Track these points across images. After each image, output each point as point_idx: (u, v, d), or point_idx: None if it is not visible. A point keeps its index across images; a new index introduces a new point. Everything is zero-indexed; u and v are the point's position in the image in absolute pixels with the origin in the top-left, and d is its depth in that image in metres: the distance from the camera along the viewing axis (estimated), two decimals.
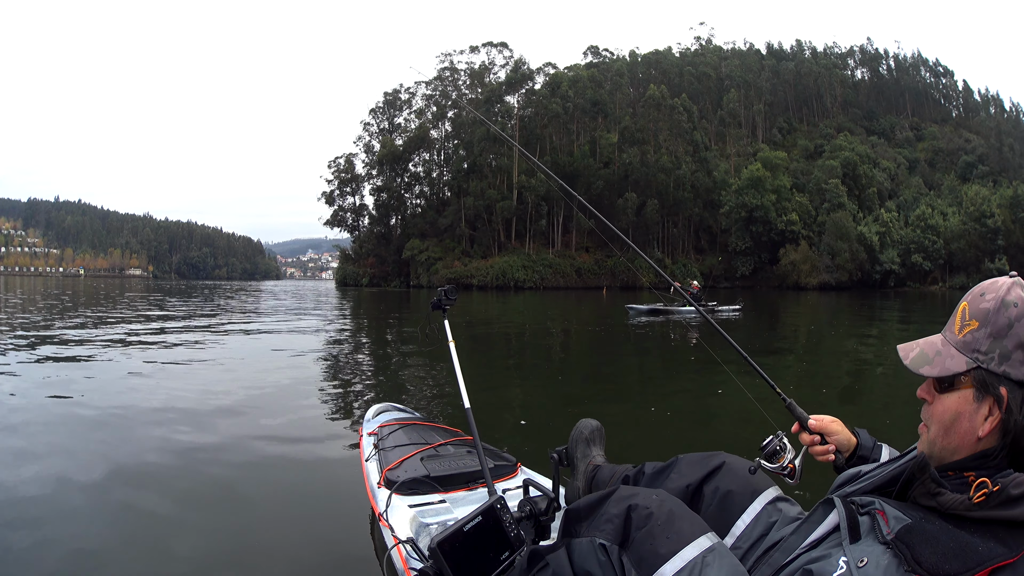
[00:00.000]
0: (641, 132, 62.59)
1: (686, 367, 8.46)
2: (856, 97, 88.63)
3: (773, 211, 59.04)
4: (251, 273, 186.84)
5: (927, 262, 57.41)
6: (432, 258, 59.75)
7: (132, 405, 4.96)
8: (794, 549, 0.98)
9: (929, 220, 58.68)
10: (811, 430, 1.33)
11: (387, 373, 7.18)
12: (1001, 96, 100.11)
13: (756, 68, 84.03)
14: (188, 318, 14.82)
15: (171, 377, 6.39)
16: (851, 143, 68.57)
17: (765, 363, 7.72)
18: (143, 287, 49.34)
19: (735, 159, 69.59)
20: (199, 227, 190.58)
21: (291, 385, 6.30)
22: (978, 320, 0.89)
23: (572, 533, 1.26)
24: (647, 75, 77.77)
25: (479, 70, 67.56)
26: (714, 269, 63.17)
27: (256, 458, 3.70)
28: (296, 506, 2.98)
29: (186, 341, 9.76)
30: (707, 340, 10.00)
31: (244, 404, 5.18)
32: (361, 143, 69.39)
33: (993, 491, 0.79)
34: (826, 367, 8.32)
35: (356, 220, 67.96)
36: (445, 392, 5.68)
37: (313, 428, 4.51)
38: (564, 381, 6.96)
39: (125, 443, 3.91)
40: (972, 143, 76.48)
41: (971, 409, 0.88)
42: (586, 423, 1.89)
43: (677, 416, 5.05)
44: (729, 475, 1.39)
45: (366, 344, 10.95)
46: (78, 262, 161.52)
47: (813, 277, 56.12)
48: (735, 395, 6.22)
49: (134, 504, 2.92)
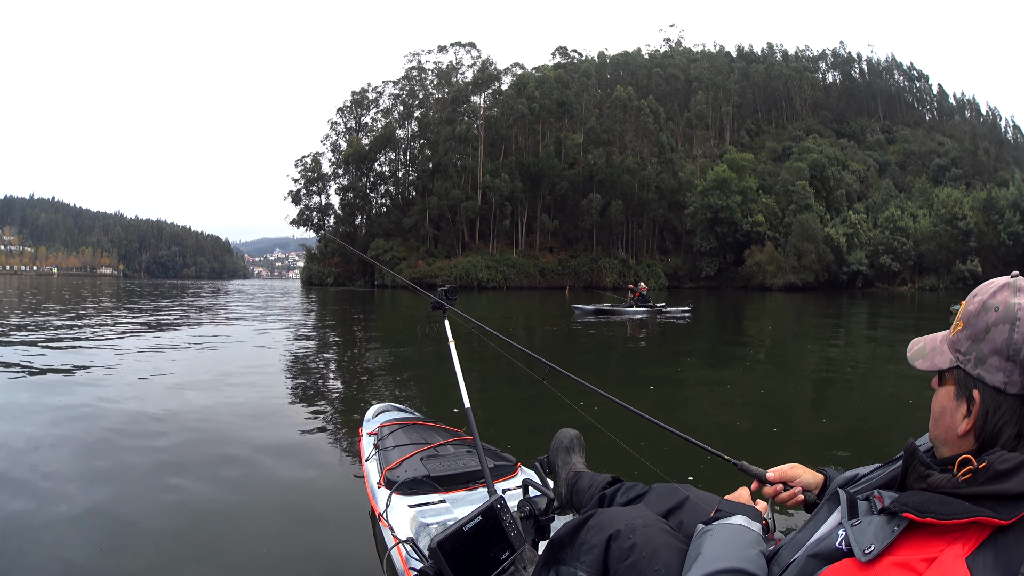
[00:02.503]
0: (607, 133, 62.40)
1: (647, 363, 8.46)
2: (827, 100, 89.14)
3: (739, 212, 59.04)
4: (219, 272, 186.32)
5: (896, 263, 57.51)
6: (396, 258, 59.29)
7: (131, 406, 4.93)
8: (801, 545, 0.98)
9: (898, 222, 58.75)
10: (771, 482, 1.31)
11: (387, 373, 7.17)
12: (977, 100, 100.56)
13: (725, 70, 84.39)
14: (174, 321, 14.52)
15: (166, 380, 6.28)
16: (820, 145, 68.87)
17: (715, 377, 7.36)
18: (114, 287, 48.65)
19: (701, 161, 69.66)
20: (168, 225, 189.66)
21: (290, 385, 6.34)
22: (963, 321, 0.91)
23: (557, 560, 1.28)
24: (615, 76, 78.05)
25: (447, 70, 67.29)
26: (679, 270, 63.16)
27: (256, 458, 3.70)
28: (296, 506, 2.98)
29: (177, 343, 9.69)
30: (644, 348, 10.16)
31: (243, 405, 5.23)
32: (328, 142, 69.00)
33: (979, 468, 0.80)
34: (783, 373, 8.06)
35: (322, 219, 67.47)
36: (445, 392, 5.62)
37: (313, 428, 4.50)
38: (514, 378, 6.74)
39: (124, 443, 3.90)
40: (945, 146, 76.93)
41: (952, 406, 0.89)
42: (565, 433, 1.92)
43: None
44: (692, 510, 1.38)
45: (365, 344, 10.86)
46: (51, 260, 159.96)
47: (779, 278, 55.98)
48: (700, 391, 6.38)
49: (134, 504, 2.92)
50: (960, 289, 46.30)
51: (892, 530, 0.81)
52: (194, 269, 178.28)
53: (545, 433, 4.08)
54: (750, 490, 1.30)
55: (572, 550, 1.24)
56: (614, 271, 58.62)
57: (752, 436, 4.48)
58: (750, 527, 1.08)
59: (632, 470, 2.72)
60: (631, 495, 1.52)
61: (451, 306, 2.54)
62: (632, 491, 1.53)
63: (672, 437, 1.72)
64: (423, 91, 67.80)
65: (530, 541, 1.73)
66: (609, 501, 1.54)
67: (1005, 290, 0.87)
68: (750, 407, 5.57)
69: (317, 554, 2.44)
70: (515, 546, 1.55)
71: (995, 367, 0.84)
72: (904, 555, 0.78)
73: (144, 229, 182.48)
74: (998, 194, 58.29)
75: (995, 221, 56.56)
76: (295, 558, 2.41)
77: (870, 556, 0.80)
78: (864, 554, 0.80)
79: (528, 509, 1.79)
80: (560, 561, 1.26)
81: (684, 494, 1.43)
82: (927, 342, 0.98)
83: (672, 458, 3.27)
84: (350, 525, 2.77)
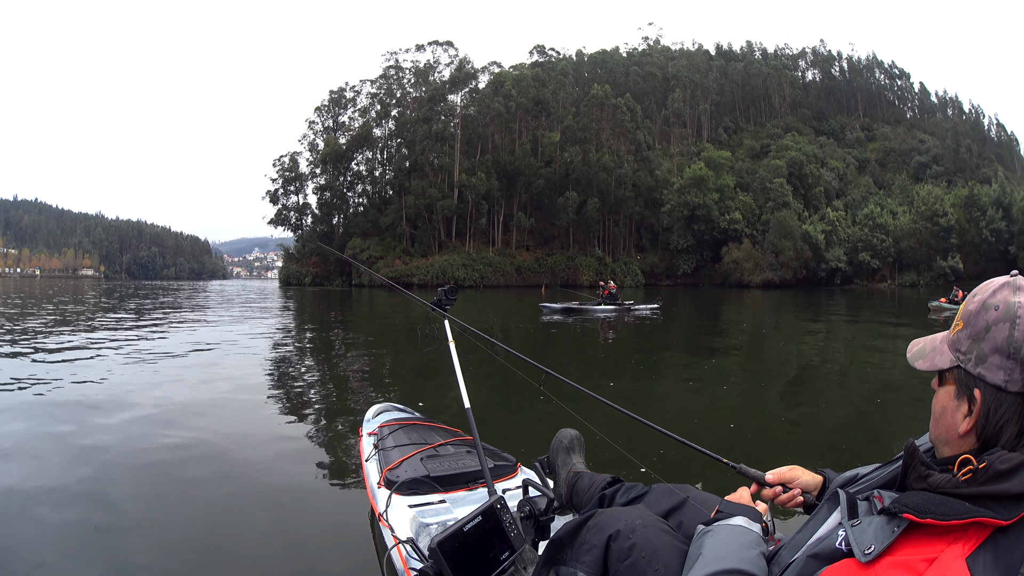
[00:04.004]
0: (584, 131, 62.48)
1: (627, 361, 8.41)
2: (806, 98, 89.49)
3: (716, 210, 59.15)
4: (198, 273, 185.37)
5: (875, 260, 57.65)
6: (373, 257, 59.05)
7: (130, 407, 4.93)
8: (801, 545, 0.98)
9: (878, 219, 58.92)
10: (770, 484, 1.30)
11: (386, 373, 7.16)
12: (960, 98, 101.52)
13: (704, 68, 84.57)
14: (164, 324, 14.36)
15: (163, 382, 6.24)
16: (798, 143, 69.04)
17: (692, 374, 7.35)
18: (97, 288, 48.30)
19: (678, 158, 69.82)
20: (148, 226, 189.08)
21: (290, 386, 6.30)
22: (964, 320, 0.91)
23: (557, 560, 1.29)
24: (592, 74, 78.05)
25: (424, 69, 67.09)
26: (656, 267, 63.26)
27: (256, 458, 3.71)
28: (296, 506, 2.99)
29: (170, 344, 9.62)
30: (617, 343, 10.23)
31: (242, 406, 5.20)
32: (306, 141, 68.61)
33: (979, 468, 0.80)
34: (761, 369, 8.03)
35: (299, 219, 67.16)
36: (444, 392, 5.58)
37: (313, 429, 4.50)
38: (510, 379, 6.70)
39: (122, 445, 3.88)
40: (926, 144, 77.28)
41: (953, 406, 0.89)
42: (565, 433, 1.92)
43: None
44: (692, 511, 1.39)
45: (363, 344, 10.79)
46: (34, 262, 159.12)
47: (756, 275, 56.00)
48: (675, 387, 6.41)
49: (132, 505, 2.91)
50: (941, 286, 46.17)
51: (892, 530, 0.80)
52: (174, 270, 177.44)
53: (543, 432, 4.07)
54: (750, 492, 1.29)
55: (572, 550, 1.25)
56: (591, 269, 58.60)
57: (737, 435, 4.51)
58: (751, 528, 1.08)
59: (632, 471, 2.74)
60: (631, 495, 1.52)
61: (450, 306, 2.56)
62: (632, 491, 1.54)
63: (667, 440, 1.71)
64: (400, 90, 67.56)
65: (530, 541, 1.74)
66: (609, 501, 1.54)
67: (1005, 289, 0.87)
68: (731, 405, 5.57)
69: (317, 554, 2.46)
70: (515, 546, 1.56)
71: (996, 365, 0.84)
72: (904, 555, 0.78)
73: (125, 230, 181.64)
74: (980, 191, 58.47)
75: (977, 218, 56.66)
76: (295, 558, 2.43)
77: (870, 556, 0.79)
78: (864, 555, 0.80)
79: (528, 509, 1.80)
80: (560, 561, 1.27)
81: (684, 495, 1.42)
82: (927, 343, 0.98)
83: (669, 460, 3.32)
84: (350, 525, 2.78)
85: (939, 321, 15.70)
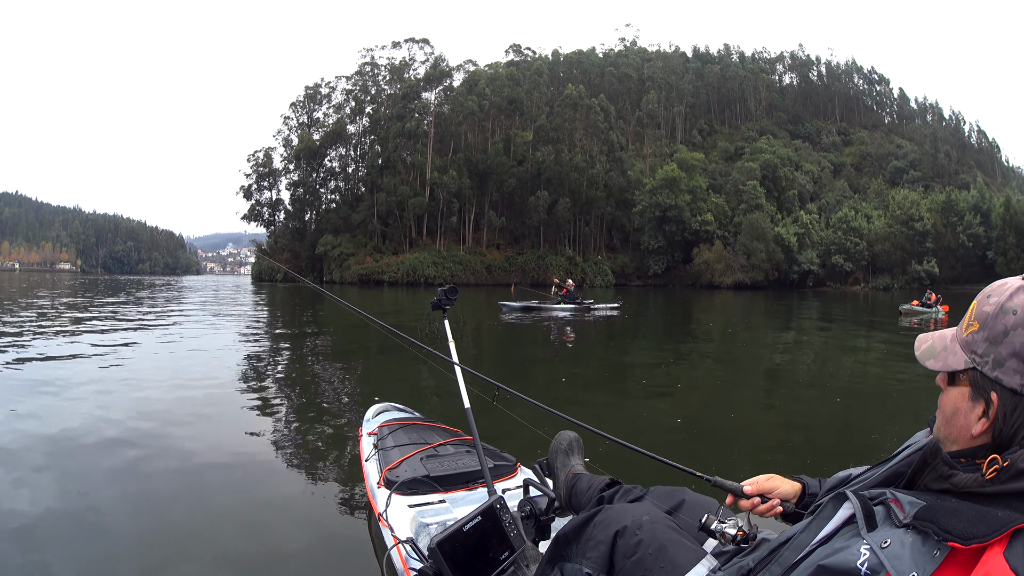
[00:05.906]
0: (556, 131, 62.60)
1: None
2: (782, 101, 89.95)
3: (687, 211, 59.26)
4: (173, 268, 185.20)
5: (848, 263, 58.05)
6: (344, 254, 59.02)
7: (128, 407, 4.91)
8: (805, 546, 0.96)
9: (852, 222, 59.36)
10: (748, 495, 1.28)
11: (386, 373, 7.12)
12: (941, 105, 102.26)
13: (680, 70, 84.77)
14: (156, 320, 14.05)
15: (162, 382, 6.11)
16: (772, 146, 69.34)
17: (656, 379, 7.24)
18: (76, 283, 47.53)
19: (651, 159, 69.99)
20: (124, 220, 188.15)
21: (289, 386, 6.26)
22: (979, 322, 0.90)
23: (562, 557, 1.29)
24: (568, 74, 78.14)
25: (399, 66, 67.00)
26: (626, 267, 63.37)
27: (256, 458, 3.70)
28: (296, 506, 3.00)
29: (167, 343, 9.47)
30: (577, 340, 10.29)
31: (241, 406, 5.14)
32: (280, 137, 68.42)
33: (1004, 466, 0.80)
34: (731, 371, 7.99)
35: (272, 215, 66.89)
36: (444, 392, 5.54)
37: (312, 428, 4.51)
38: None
39: (121, 447, 3.85)
40: (904, 149, 77.80)
41: (967, 407, 0.89)
42: (564, 435, 1.93)
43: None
44: (689, 512, 1.39)
45: (362, 345, 10.66)
46: (13, 256, 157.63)
47: (727, 276, 56.17)
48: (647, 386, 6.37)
49: (129, 505, 2.92)
50: (915, 289, 46.23)
51: (933, 555, 0.78)
52: (148, 265, 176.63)
53: (528, 434, 4.11)
54: (725, 504, 1.29)
55: (578, 546, 1.24)
56: (561, 268, 58.56)
57: (695, 439, 4.46)
58: None
59: (630, 473, 2.73)
60: (630, 497, 1.52)
61: (450, 306, 2.56)
62: (631, 493, 1.53)
63: (632, 451, 1.69)
64: (375, 87, 67.49)
65: (530, 541, 1.73)
66: (608, 503, 1.52)
67: (1021, 293, 0.86)
68: (695, 410, 5.52)
69: (317, 553, 2.46)
70: (515, 546, 1.56)
71: (1013, 370, 0.84)
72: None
73: (101, 224, 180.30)
74: (958, 196, 58.99)
75: (954, 223, 57.19)
76: (295, 557, 2.44)
77: None
78: None
79: (528, 509, 1.80)
80: (565, 557, 1.26)
81: (682, 496, 1.43)
82: (936, 340, 0.97)
83: (638, 476, 3.19)
84: (350, 525, 2.79)
85: (912, 325, 15.68)
